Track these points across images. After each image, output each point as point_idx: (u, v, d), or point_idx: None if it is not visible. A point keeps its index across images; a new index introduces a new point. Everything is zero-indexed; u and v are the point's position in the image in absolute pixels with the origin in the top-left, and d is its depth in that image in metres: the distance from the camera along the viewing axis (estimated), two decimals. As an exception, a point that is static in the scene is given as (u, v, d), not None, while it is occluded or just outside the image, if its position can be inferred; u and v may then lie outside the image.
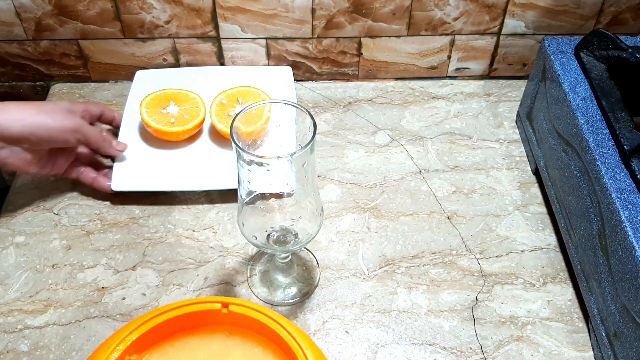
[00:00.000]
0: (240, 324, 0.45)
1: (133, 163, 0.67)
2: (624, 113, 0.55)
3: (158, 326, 0.43)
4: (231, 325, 0.45)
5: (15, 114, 0.55)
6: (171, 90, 0.71)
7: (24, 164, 0.58)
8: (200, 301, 0.44)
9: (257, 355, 0.44)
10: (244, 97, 0.71)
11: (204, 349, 0.45)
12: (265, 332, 0.44)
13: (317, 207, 0.49)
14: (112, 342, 0.42)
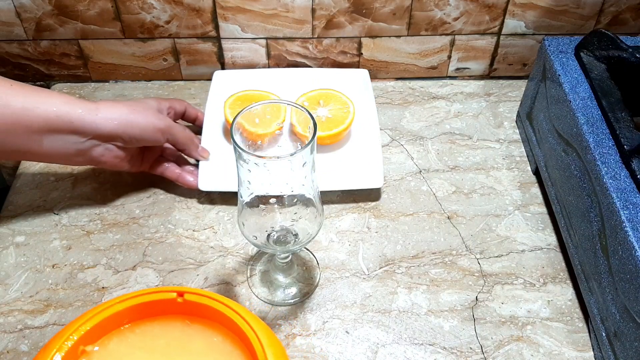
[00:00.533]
0: (198, 312, 0.45)
1: (218, 163, 0.66)
2: (624, 113, 0.55)
3: (114, 315, 0.44)
4: (190, 314, 0.46)
5: (107, 113, 0.56)
6: (253, 91, 0.72)
7: (117, 161, 0.60)
8: (156, 290, 0.45)
9: (216, 343, 0.45)
10: (326, 99, 0.71)
11: (163, 335, 0.45)
12: (224, 321, 0.45)
13: (317, 207, 0.49)
14: (65, 332, 0.43)
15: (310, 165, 0.45)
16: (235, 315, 0.44)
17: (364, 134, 0.71)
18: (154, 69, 0.80)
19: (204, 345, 0.45)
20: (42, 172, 0.69)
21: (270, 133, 0.50)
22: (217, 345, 0.45)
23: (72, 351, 0.42)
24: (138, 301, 0.45)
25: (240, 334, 0.44)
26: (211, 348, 0.45)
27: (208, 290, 0.46)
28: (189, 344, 0.45)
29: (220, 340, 0.45)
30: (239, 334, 0.44)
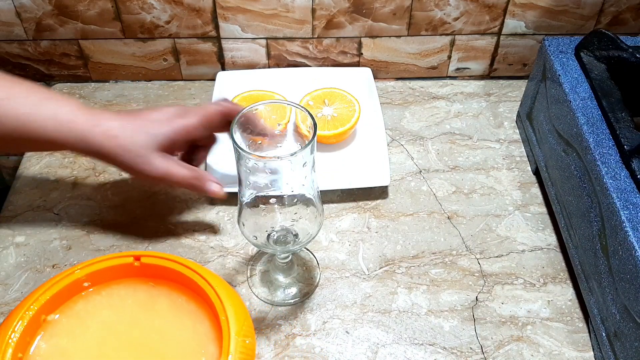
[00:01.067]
0: (160, 275, 0.47)
1: (224, 163, 0.65)
2: (624, 113, 0.55)
3: (75, 282, 0.46)
4: (153, 276, 0.48)
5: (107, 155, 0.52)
6: (257, 91, 0.72)
7: None
8: (115, 256, 0.47)
9: (181, 304, 0.47)
10: (331, 98, 0.71)
11: (129, 296, 0.47)
12: (184, 281, 0.47)
13: (317, 207, 0.49)
14: (26, 302, 0.44)
15: (311, 165, 0.45)
16: (193, 274, 0.46)
17: (369, 132, 0.71)
18: (154, 69, 0.80)
19: (168, 305, 0.47)
20: (42, 172, 0.69)
21: None
22: (182, 305, 0.47)
23: (34, 320, 0.43)
24: (97, 267, 0.46)
25: (202, 294, 0.46)
26: (176, 308, 0.47)
27: (169, 254, 0.48)
28: (154, 305, 0.47)
29: (184, 301, 0.47)
30: (201, 294, 0.46)
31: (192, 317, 0.47)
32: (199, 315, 0.47)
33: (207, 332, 0.46)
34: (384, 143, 0.67)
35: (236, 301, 0.46)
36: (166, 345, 0.45)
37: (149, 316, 0.46)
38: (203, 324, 0.46)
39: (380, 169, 0.66)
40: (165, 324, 0.46)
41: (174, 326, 0.46)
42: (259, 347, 0.53)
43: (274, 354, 0.53)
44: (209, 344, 0.45)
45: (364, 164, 0.68)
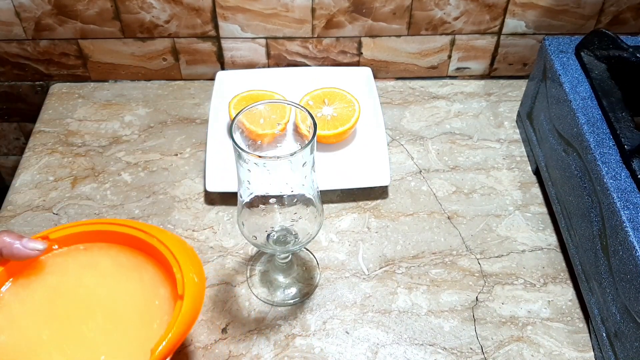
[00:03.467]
0: (99, 238, 0.49)
1: (225, 164, 0.65)
2: (625, 113, 0.55)
3: None
4: (91, 241, 0.49)
5: None
6: (257, 91, 0.72)
7: None
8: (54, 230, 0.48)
9: (123, 260, 0.49)
10: (331, 98, 0.71)
11: (72, 261, 0.49)
12: (126, 240, 0.49)
13: (317, 207, 0.49)
14: None
15: (310, 165, 0.45)
16: (130, 229, 0.48)
17: (369, 131, 0.71)
18: (154, 68, 0.80)
19: (111, 263, 0.49)
20: (42, 172, 0.68)
21: (270, 133, 0.50)
22: (125, 260, 0.49)
23: None
24: None
25: (143, 246, 0.48)
26: (118, 264, 0.49)
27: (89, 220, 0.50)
28: (97, 265, 0.49)
29: (126, 256, 0.49)
30: (143, 247, 0.48)
31: (138, 269, 0.48)
32: (143, 266, 0.48)
33: (153, 278, 0.47)
34: (384, 143, 0.67)
35: (179, 243, 0.47)
36: (116, 299, 0.46)
37: (94, 275, 0.48)
38: (148, 271, 0.47)
39: (380, 169, 0.66)
40: (111, 280, 0.47)
41: (120, 280, 0.47)
42: (258, 348, 0.53)
43: (274, 354, 0.53)
44: (159, 288, 0.46)
45: (364, 164, 0.68)
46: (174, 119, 0.75)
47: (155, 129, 0.74)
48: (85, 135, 0.73)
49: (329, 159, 0.68)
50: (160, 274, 0.47)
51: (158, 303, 0.46)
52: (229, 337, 0.54)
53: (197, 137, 0.73)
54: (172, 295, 0.45)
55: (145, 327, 0.45)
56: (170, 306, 0.45)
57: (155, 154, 0.71)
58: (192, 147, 0.71)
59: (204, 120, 0.75)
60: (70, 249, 0.49)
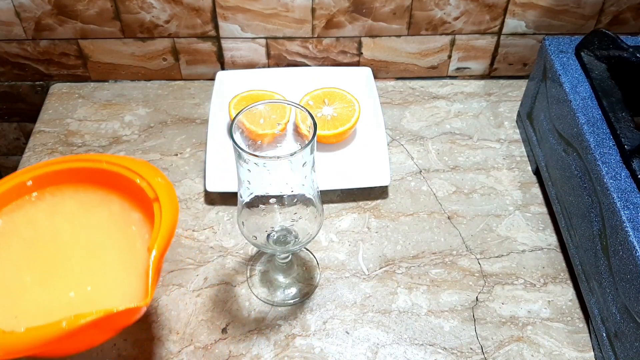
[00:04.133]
0: (58, 181, 0.49)
1: (225, 164, 0.65)
2: (625, 113, 0.55)
3: None
4: (51, 185, 0.50)
5: None
6: (257, 91, 0.72)
7: None
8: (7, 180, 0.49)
9: (85, 198, 0.49)
10: (331, 98, 0.71)
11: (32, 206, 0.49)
12: (85, 176, 0.49)
13: (317, 207, 0.49)
14: None
15: (311, 165, 0.45)
16: (89, 163, 0.49)
17: (369, 131, 0.71)
18: (154, 68, 0.80)
19: (77, 207, 0.49)
20: (42, 172, 0.68)
21: (271, 133, 0.50)
22: (88, 198, 0.49)
23: None
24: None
25: (101, 177, 0.48)
26: (83, 207, 0.49)
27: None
28: (62, 209, 0.49)
29: (89, 193, 0.49)
30: (101, 178, 0.49)
31: (103, 203, 0.48)
32: (107, 198, 0.48)
33: (121, 206, 0.48)
34: (384, 143, 0.67)
35: (129, 161, 0.48)
36: (91, 236, 0.47)
37: (62, 220, 0.48)
38: (114, 202, 0.48)
39: (380, 169, 0.66)
40: (81, 220, 0.48)
41: (90, 218, 0.48)
42: (258, 348, 0.53)
43: (274, 354, 0.53)
44: (130, 213, 0.47)
45: (364, 164, 0.68)
46: (174, 119, 0.75)
47: (155, 129, 0.74)
48: (85, 135, 0.73)
49: (329, 159, 0.68)
50: (128, 201, 0.47)
51: (135, 228, 0.46)
52: (229, 337, 0.54)
53: (197, 137, 0.73)
54: (145, 217, 0.45)
55: (128, 252, 0.45)
56: (146, 226, 0.46)
57: (155, 154, 0.71)
58: (192, 147, 0.71)
59: (204, 120, 0.75)
60: (24, 200, 0.49)
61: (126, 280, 0.44)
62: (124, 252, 0.45)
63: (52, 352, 0.40)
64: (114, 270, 0.45)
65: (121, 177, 0.47)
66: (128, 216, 0.47)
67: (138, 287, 0.43)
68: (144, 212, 0.47)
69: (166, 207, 0.44)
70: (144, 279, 0.41)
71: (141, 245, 0.45)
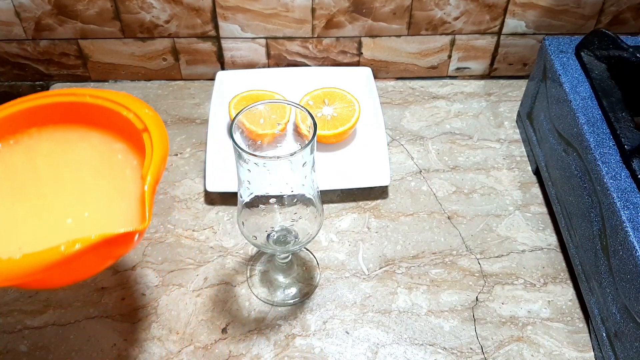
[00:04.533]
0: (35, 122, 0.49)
1: (225, 164, 0.65)
2: (625, 113, 0.55)
3: None
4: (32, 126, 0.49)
5: None
6: (257, 91, 0.72)
7: None
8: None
9: (64, 136, 0.48)
10: (331, 98, 0.71)
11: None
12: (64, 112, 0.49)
13: (317, 207, 0.49)
14: None
15: (311, 165, 0.45)
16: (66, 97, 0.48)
17: (369, 132, 0.71)
18: (154, 68, 0.80)
19: (55, 147, 0.48)
20: (42, 172, 0.68)
21: (270, 133, 0.50)
22: (67, 136, 0.49)
23: None
24: None
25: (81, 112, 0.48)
26: (61, 147, 0.48)
27: None
28: (40, 150, 0.48)
29: (67, 131, 0.49)
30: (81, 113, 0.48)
31: (83, 138, 0.48)
32: (86, 133, 0.48)
33: (102, 138, 0.47)
34: (384, 143, 0.67)
35: (114, 95, 0.47)
36: (77, 171, 0.46)
37: (45, 162, 0.47)
38: (93, 136, 0.48)
39: (380, 169, 0.66)
40: (63, 158, 0.47)
41: (72, 155, 0.47)
42: (258, 348, 0.53)
43: (274, 354, 0.53)
44: (112, 144, 0.47)
45: (364, 164, 0.68)
46: (174, 119, 0.75)
47: (155, 129, 0.74)
48: (85, 135, 0.73)
49: (329, 159, 0.68)
50: (109, 133, 0.47)
51: (121, 157, 0.46)
52: (229, 337, 0.54)
53: (197, 137, 0.73)
54: (129, 146, 0.45)
55: (118, 180, 0.44)
56: (132, 154, 0.45)
57: (155, 154, 0.71)
58: (192, 147, 0.72)
59: (204, 120, 0.75)
60: (3, 147, 0.48)
61: (122, 206, 0.43)
62: (115, 181, 0.45)
63: (51, 279, 0.39)
64: (108, 198, 0.44)
65: (104, 110, 0.46)
66: (111, 147, 0.47)
67: (134, 214, 0.42)
68: (128, 142, 0.46)
69: (156, 137, 0.43)
70: (139, 206, 0.40)
71: (131, 172, 0.45)
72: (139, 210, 0.41)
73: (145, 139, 0.43)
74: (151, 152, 0.42)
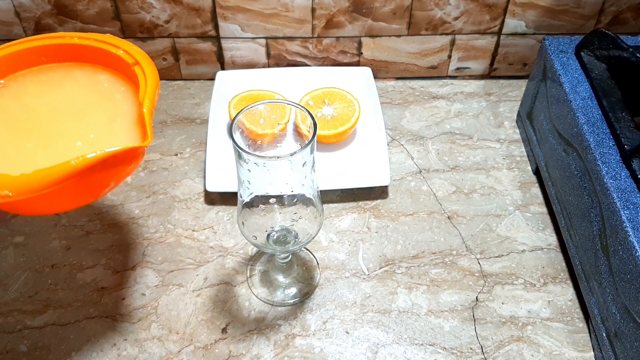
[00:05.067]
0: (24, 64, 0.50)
1: (225, 164, 0.64)
2: (625, 113, 0.55)
3: None
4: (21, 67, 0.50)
5: None
6: (257, 91, 0.72)
7: None
8: None
9: (47, 73, 0.50)
10: (331, 98, 0.71)
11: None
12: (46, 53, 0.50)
13: (317, 207, 0.49)
14: None
15: (311, 165, 0.45)
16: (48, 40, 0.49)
17: (369, 132, 0.71)
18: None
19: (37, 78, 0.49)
20: (42, 172, 0.68)
21: (270, 133, 0.50)
22: (49, 73, 0.50)
23: None
24: None
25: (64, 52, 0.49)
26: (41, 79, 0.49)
27: None
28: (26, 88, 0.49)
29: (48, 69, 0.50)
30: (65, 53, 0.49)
31: (66, 76, 0.49)
32: (69, 69, 0.49)
33: (84, 72, 0.49)
34: (384, 143, 0.67)
35: (97, 36, 0.49)
36: (64, 105, 0.47)
37: (31, 102, 0.48)
38: (75, 72, 0.49)
39: (380, 168, 0.66)
40: (49, 97, 0.48)
41: (57, 92, 0.48)
42: (258, 348, 0.53)
43: (274, 354, 0.53)
44: (98, 76, 0.48)
45: (364, 164, 0.68)
46: (174, 119, 0.75)
47: (155, 129, 0.74)
48: (85, 135, 0.73)
49: (329, 159, 0.68)
50: (91, 68, 0.49)
51: (107, 85, 0.47)
52: (229, 337, 0.54)
53: (197, 137, 0.73)
54: (113, 76, 0.47)
55: (111, 106, 0.46)
56: (118, 82, 0.47)
57: (155, 154, 0.71)
58: (192, 147, 0.72)
59: (204, 120, 0.75)
60: None
61: (122, 128, 0.45)
62: (108, 106, 0.47)
63: (60, 198, 0.41)
64: (108, 121, 0.46)
65: (92, 49, 0.48)
66: (95, 79, 0.48)
67: (135, 135, 0.44)
68: (112, 73, 0.48)
69: (147, 68, 0.46)
70: (139, 127, 0.43)
71: (121, 96, 0.47)
72: (139, 131, 0.43)
73: (137, 71, 0.46)
74: (145, 81, 0.45)
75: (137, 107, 0.45)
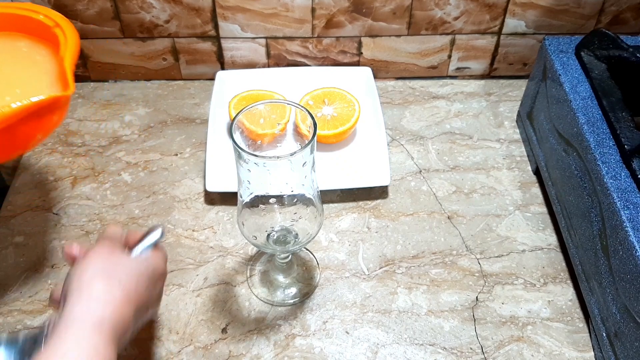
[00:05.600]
0: None
1: (225, 164, 0.64)
2: (625, 113, 0.55)
3: None
4: None
5: None
6: (257, 91, 0.72)
7: None
8: None
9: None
10: (331, 98, 0.71)
11: None
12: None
13: (317, 207, 0.49)
14: None
15: (310, 165, 0.45)
16: None
17: (369, 131, 0.71)
18: (154, 68, 0.80)
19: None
20: (42, 172, 0.68)
21: (270, 133, 0.50)
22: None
23: None
24: None
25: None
26: None
27: None
28: None
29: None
30: None
31: None
32: None
33: (3, 41, 0.50)
34: (384, 143, 0.67)
35: (31, 5, 0.51)
36: None
37: None
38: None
39: (380, 168, 0.66)
40: None
41: None
42: (258, 348, 0.53)
43: (274, 354, 0.53)
44: (15, 42, 0.50)
45: (364, 164, 0.68)
46: (174, 119, 0.75)
47: (155, 129, 0.74)
48: (85, 135, 0.73)
49: (329, 159, 0.68)
50: (9, 35, 0.50)
51: (26, 49, 0.49)
52: (229, 337, 0.54)
53: (197, 137, 0.73)
54: (32, 41, 0.49)
55: (30, 64, 0.48)
56: (37, 46, 0.49)
57: (155, 154, 0.71)
58: (192, 147, 0.72)
59: (204, 120, 0.75)
60: None
61: (45, 84, 0.48)
62: (29, 66, 0.49)
63: None
64: (31, 80, 0.48)
65: (10, 16, 0.50)
66: (13, 45, 0.50)
67: (58, 89, 0.47)
68: (31, 39, 0.50)
69: (68, 29, 0.49)
70: (60, 82, 0.46)
71: (42, 58, 0.49)
72: (62, 85, 0.46)
73: (58, 32, 0.48)
74: (65, 40, 0.47)
75: (58, 66, 0.48)
